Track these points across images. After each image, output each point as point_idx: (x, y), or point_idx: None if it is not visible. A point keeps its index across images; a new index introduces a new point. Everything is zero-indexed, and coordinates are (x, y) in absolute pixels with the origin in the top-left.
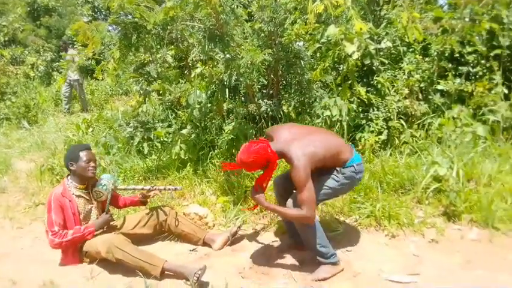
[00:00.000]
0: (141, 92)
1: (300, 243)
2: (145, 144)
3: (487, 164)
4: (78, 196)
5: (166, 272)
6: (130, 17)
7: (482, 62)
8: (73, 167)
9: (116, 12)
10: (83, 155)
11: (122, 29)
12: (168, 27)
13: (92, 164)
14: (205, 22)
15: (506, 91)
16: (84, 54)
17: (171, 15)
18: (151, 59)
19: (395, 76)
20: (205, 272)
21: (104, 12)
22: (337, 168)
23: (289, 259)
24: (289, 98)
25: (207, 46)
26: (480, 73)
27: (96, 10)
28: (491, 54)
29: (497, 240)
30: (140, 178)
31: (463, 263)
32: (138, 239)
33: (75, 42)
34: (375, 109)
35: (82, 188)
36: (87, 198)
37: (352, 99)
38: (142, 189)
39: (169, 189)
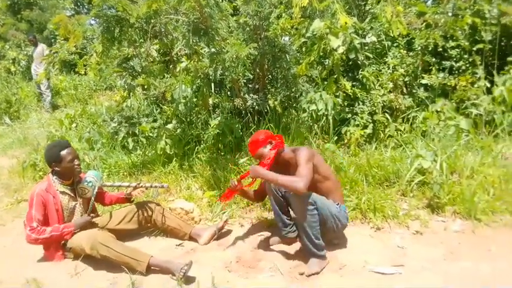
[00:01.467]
0: (126, 86)
1: (286, 237)
2: (130, 140)
3: (470, 156)
4: (63, 192)
5: (152, 268)
6: (113, 10)
7: (465, 56)
8: (58, 168)
9: (98, 5)
10: (65, 154)
11: (104, 23)
12: (152, 21)
13: (76, 161)
14: (189, 15)
15: (488, 85)
16: (66, 48)
17: (154, 9)
18: (135, 53)
19: (380, 70)
20: (191, 267)
21: (86, 6)
22: (338, 202)
23: (275, 252)
24: (276, 93)
25: (191, 40)
26: (463, 67)
27: (78, 4)
28: (474, 48)
29: (479, 231)
30: (125, 174)
31: (447, 254)
32: (124, 235)
33: (57, 37)
34: (360, 103)
35: (67, 184)
36: (72, 195)
37: (337, 94)
38: (129, 185)
39: (155, 187)
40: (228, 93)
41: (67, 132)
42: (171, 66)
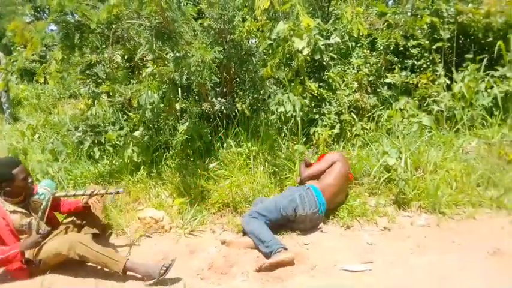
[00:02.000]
0: (90, 94)
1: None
2: (96, 149)
3: (433, 152)
4: (13, 212)
5: (129, 270)
6: (74, 16)
7: (426, 54)
8: (9, 188)
9: (56, 11)
10: (17, 172)
11: (63, 29)
12: (113, 26)
13: (29, 179)
14: (151, 20)
15: (448, 82)
16: (25, 56)
17: (114, 13)
18: (98, 60)
19: (345, 71)
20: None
21: (47, 12)
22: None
23: (248, 256)
24: (244, 96)
25: (154, 44)
26: (424, 65)
27: (38, 10)
28: (434, 47)
29: (444, 224)
30: (91, 184)
31: (414, 248)
32: None
33: (15, 44)
34: (327, 104)
35: (17, 201)
36: (24, 211)
37: (304, 95)
38: (83, 194)
39: (111, 193)
40: (196, 97)
41: (29, 143)
42: (136, 72)
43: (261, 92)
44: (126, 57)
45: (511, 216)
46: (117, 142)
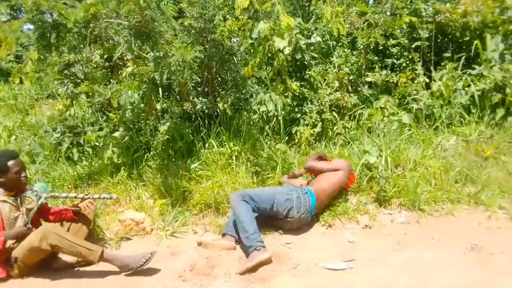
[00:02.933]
0: (68, 94)
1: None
2: (74, 150)
3: (412, 149)
4: (3, 201)
5: (105, 259)
6: (50, 15)
7: (405, 53)
8: (2, 178)
9: (31, 10)
10: (12, 165)
11: (39, 28)
12: (91, 25)
13: (23, 173)
14: (129, 19)
15: (427, 80)
16: None
17: (92, 12)
18: (77, 59)
19: (327, 70)
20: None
21: (23, 11)
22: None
23: (229, 257)
24: (226, 95)
25: (133, 44)
26: (404, 64)
27: (15, 8)
28: (413, 46)
29: (423, 221)
30: (70, 186)
31: (394, 245)
32: None
33: None
34: (309, 103)
35: (9, 195)
36: (14, 204)
37: (286, 94)
38: (76, 197)
39: (103, 198)
40: (177, 97)
41: (5, 146)
42: (116, 72)
43: (243, 91)
44: (106, 56)
45: (488, 212)
46: (97, 143)
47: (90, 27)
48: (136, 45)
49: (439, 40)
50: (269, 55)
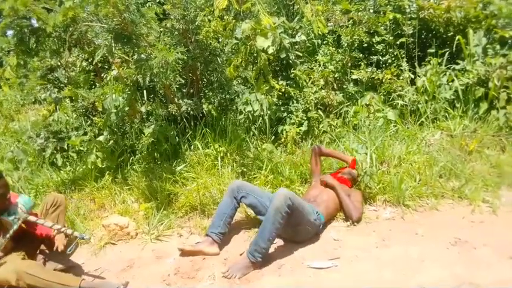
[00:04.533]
0: (52, 99)
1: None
2: (58, 156)
3: (397, 145)
4: None
5: None
6: (29, 20)
7: (390, 50)
8: None
9: (9, 15)
10: None
11: (17, 34)
12: (70, 29)
13: (8, 195)
14: (109, 22)
15: (412, 76)
16: None
17: (70, 16)
18: (59, 64)
19: (312, 68)
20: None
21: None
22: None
23: (214, 259)
24: (213, 96)
25: (113, 47)
26: (389, 61)
27: None
28: (398, 42)
29: (408, 217)
30: (53, 192)
31: (379, 242)
32: None
33: None
34: (295, 101)
35: None
36: None
37: (272, 93)
38: (51, 227)
39: (75, 237)
40: (162, 99)
41: None
42: (99, 75)
43: (229, 91)
44: (90, 60)
45: (472, 205)
46: (81, 148)
47: (69, 31)
48: (117, 48)
49: (423, 36)
50: (254, 55)
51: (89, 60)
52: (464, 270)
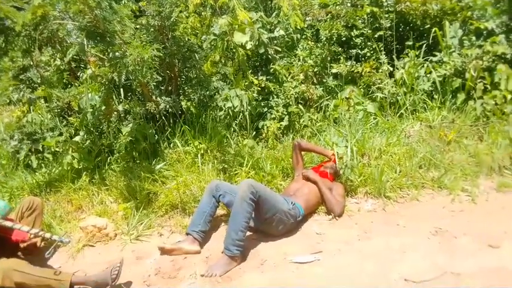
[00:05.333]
0: (25, 100)
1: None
2: (33, 158)
3: (377, 138)
4: None
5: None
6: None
7: (369, 43)
8: None
9: None
10: None
11: None
12: (40, 28)
13: None
14: (80, 20)
15: (391, 69)
16: None
17: (40, 14)
18: (31, 64)
19: (291, 63)
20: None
21: None
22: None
23: (195, 258)
24: (192, 93)
25: (86, 45)
26: (368, 54)
27: None
28: (376, 36)
29: (389, 208)
30: (29, 196)
31: (361, 234)
32: None
33: None
34: (275, 96)
35: None
36: None
37: (252, 89)
38: (28, 231)
39: (54, 240)
40: (140, 97)
41: None
42: (75, 74)
43: (208, 88)
44: (63, 59)
45: (452, 195)
46: (57, 149)
47: (39, 30)
48: (91, 46)
49: (400, 29)
50: (233, 51)
51: (63, 59)
52: (445, 259)
